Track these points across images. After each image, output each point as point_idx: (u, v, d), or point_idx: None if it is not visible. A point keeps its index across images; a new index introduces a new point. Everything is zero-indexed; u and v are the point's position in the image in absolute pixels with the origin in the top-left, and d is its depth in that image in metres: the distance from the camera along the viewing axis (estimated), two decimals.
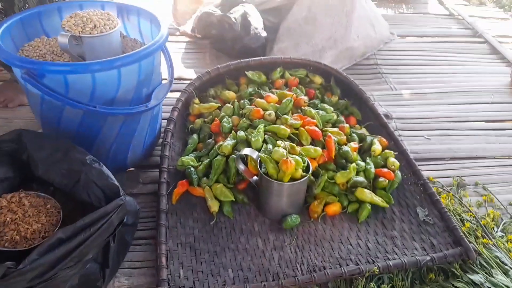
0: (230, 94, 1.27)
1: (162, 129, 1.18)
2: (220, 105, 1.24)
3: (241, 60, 1.36)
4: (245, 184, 1.07)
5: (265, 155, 0.97)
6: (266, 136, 1.09)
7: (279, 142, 1.01)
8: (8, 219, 0.75)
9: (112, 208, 0.77)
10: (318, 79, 1.36)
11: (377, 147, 1.14)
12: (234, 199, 1.02)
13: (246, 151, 1.00)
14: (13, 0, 1.12)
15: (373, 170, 1.08)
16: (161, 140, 1.16)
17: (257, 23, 1.65)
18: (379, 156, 1.13)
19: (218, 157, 1.07)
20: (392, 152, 1.13)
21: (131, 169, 1.14)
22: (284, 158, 0.93)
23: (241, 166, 1.03)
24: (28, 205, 0.79)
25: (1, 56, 0.86)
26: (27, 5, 1.16)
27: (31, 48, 1.03)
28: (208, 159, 1.09)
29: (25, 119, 1.28)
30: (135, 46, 1.11)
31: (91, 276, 0.79)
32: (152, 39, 1.11)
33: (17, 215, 0.76)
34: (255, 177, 1.04)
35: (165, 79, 1.11)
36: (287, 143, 1.00)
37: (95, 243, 0.75)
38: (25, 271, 0.66)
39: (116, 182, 0.82)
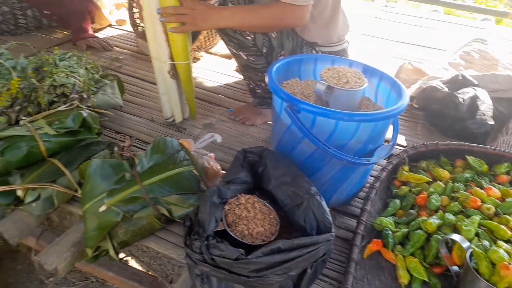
0: (444, 173, 1.22)
1: (367, 184, 1.23)
2: (430, 180, 1.22)
3: (464, 143, 1.30)
4: (442, 269, 1.00)
5: (480, 250, 0.89)
6: (479, 230, 1.01)
7: (500, 242, 0.92)
8: (243, 214, 0.92)
9: (323, 239, 0.85)
10: None
11: None
12: (426, 280, 0.97)
13: (457, 237, 0.94)
14: (273, 47, 1.40)
15: None
16: (362, 193, 1.21)
17: (486, 109, 1.56)
18: None
19: (420, 231, 1.04)
20: None
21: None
22: (505, 262, 0.84)
23: (444, 250, 0.98)
24: (258, 209, 0.95)
25: (273, 88, 1.07)
26: (282, 52, 1.42)
27: (288, 86, 1.25)
28: (407, 229, 1.07)
29: (253, 136, 1.55)
30: (369, 105, 1.21)
31: None
32: (386, 102, 1.20)
33: (250, 214, 0.92)
34: (455, 267, 0.97)
35: (387, 141, 1.17)
36: (510, 247, 0.90)
37: (301, 264, 0.84)
38: (250, 262, 0.79)
39: (331, 219, 0.90)
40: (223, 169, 1.26)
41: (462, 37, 2.59)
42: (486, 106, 1.58)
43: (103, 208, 0.95)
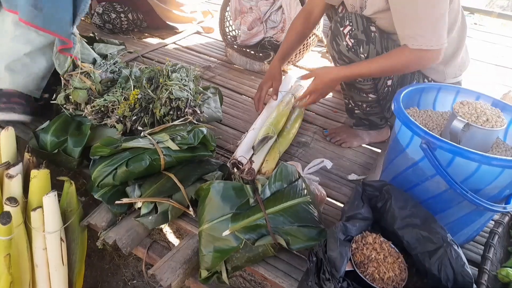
0: None
1: (486, 228, 1.15)
2: None
3: None
4: None
5: None
6: None
7: None
8: (372, 256, 0.88)
9: None
10: None
11: None
12: None
13: None
14: None
15: None
16: (478, 237, 1.13)
17: None
18: None
19: None
20: None
21: None
22: None
23: None
24: (387, 251, 0.91)
25: (405, 121, 1.00)
26: (392, 76, 1.36)
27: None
28: None
29: (349, 160, 1.50)
30: (499, 144, 1.11)
31: None
32: None
33: (379, 256, 0.89)
34: None
35: None
36: None
37: None
38: None
39: (471, 274, 0.84)
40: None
41: None
42: None
43: (226, 232, 0.96)
